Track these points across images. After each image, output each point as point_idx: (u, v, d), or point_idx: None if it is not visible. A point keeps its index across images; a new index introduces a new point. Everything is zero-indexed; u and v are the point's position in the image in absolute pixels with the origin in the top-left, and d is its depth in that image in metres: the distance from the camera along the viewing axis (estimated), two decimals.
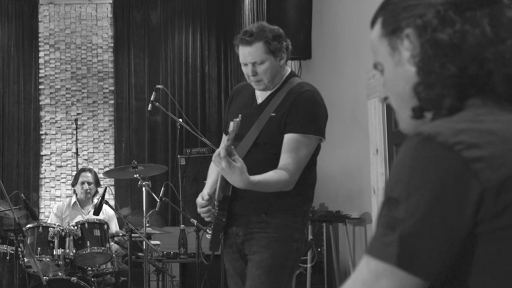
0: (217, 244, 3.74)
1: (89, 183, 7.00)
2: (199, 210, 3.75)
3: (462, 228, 1.27)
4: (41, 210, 10.18)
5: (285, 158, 3.52)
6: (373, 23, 1.60)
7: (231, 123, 3.28)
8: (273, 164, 3.52)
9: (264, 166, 3.51)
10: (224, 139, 3.96)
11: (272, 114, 3.61)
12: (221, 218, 3.66)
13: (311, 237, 6.42)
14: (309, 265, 6.46)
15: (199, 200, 3.75)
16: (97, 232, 6.04)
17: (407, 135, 1.40)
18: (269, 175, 3.47)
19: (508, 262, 1.28)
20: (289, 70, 3.77)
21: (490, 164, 1.26)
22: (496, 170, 1.26)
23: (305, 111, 3.52)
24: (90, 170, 7.19)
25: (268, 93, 3.70)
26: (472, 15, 1.43)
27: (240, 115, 3.36)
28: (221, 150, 3.30)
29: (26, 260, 5.76)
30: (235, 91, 4.00)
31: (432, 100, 1.44)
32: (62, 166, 10.38)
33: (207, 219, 3.77)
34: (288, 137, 3.54)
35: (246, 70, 3.67)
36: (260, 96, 3.75)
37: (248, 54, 3.61)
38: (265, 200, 3.55)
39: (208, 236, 3.80)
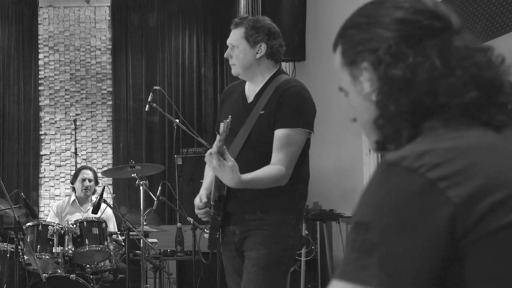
0: (215, 243, 3.74)
1: (89, 180, 7.00)
2: (197, 211, 3.75)
3: (438, 245, 1.27)
4: (41, 209, 10.16)
5: (276, 154, 3.53)
6: (334, 48, 1.62)
7: (221, 124, 3.29)
8: (265, 161, 3.52)
9: (256, 164, 3.50)
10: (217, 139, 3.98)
11: (261, 112, 3.61)
12: (217, 218, 3.66)
13: (307, 232, 6.41)
14: (303, 259, 6.45)
15: (197, 201, 3.75)
16: (95, 231, 6.04)
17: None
18: (261, 172, 3.48)
19: (496, 267, 1.28)
20: (277, 68, 3.77)
21: (455, 180, 1.28)
22: (462, 184, 1.28)
23: (293, 106, 3.52)
24: (90, 168, 7.19)
25: (256, 90, 3.71)
26: (422, 46, 1.44)
27: (230, 116, 3.37)
28: (212, 149, 3.31)
29: (26, 257, 5.76)
30: (226, 92, 4.01)
31: (390, 135, 1.47)
32: (61, 166, 10.37)
33: (204, 219, 3.78)
34: (277, 133, 3.55)
35: (225, 53, 3.76)
36: (250, 94, 3.75)
37: (230, 36, 3.69)
38: (260, 198, 3.55)
39: (206, 236, 3.80)
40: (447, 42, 1.45)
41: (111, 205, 6.24)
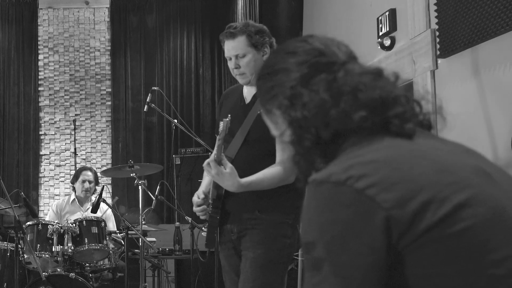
0: (213, 242, 3.73)
1: (89, 182, 7.00)
2: (195, 208, 3.75)
3: (379, 248, 1.33)
4: (41, 208, 10.15)
5: (280, 153, 3.53)
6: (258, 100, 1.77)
7: (221, 123, 3.29)
8: (264, 161, 3.52)
9: (255, 163, 3.50)
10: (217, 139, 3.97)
11: (259, 112, 3.61)
12: (215, 216, 3.66)
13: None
14: (300, 258, 6.45)
15: (195, 199, 3.75)
16: (94, 230, 6.04)
17: None
18: (262, 174, 3.47)
19: (433, 265, 1.33)
20: None
21: (381, 187, 1.35)
22: (389, 190, 1.35)
23: None
24: (90, 169, 7.18)
25: (254, 91, 3.70)
26: (312, 83, 1.55)
27: (229, 115, 3.37)
28: (209, 158, 3.32)
29: (26, 256, 5.76)
30: (224, 95, 4.00)
31: (307, 169, 1.59)
32: (61, 166, 10.36)
33: (202, 217, 3.77)
34: None
35: (231, 65, 3.69)
36: (248, 95, 3.75)
37: (231, 48, 3.64)
38: (258, 197, 3.55)
39: (204, 234, 3.80)
40: (332, 74, 1.55)
41: (110, 205, 6.24)
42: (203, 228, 3.82)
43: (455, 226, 1.33)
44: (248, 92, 3.76)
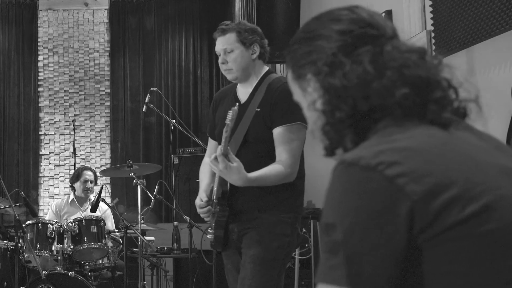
0: (220, 242, 3.72)
1: (91, 182, 7.01)
2: (199, 210, 3.74)
3: (400, 240, 1.30)
4: (40, 207, 10.14)
5: (279, 152, 3.53)
6: (287, 64, 1.68)
7: (230, 112, 3.27)
8: (263, 161, 3.52)
9: (255, 163, 3.50)
10: (211, 143, 3.97)
11: (257, 109, 3.61)
12: (223, 214, 3.65)
13: (304, 230, 6.41)
14: (297, 257, 6.45)
15: (198, 201, 3.75)
16: (94, 229, 6.04)
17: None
18: (268, 169, 3.48)
19: (451, 263, 1.30)
20: (266, 68, 3.78)
21: (412, 177, 1.31)
22: (418, 181, 1.30)
23: (287, 102, 3.50)
24: (90, 169, 7.19)
25: (249, 91, 3.71)
26: (357, 54, 1.50)
27: (237, 104, 3.38)
28: (216, 153, 3.30)
29: (26, 255, 5.76)
30: (218, 96, 4.00)
31: (335, 141, 1.53)
32: (60, 165, 10.35)
33: (206, 219, 3.76)
34: (277, 132, 3.54)
35: (219, 60, 3.71)
36: (242, 96, 3.75)
37: (220, 43, 3.67)
38: (259, 197, 3.56)
39: (209, 236, 3.78)
40: (379, 47, 1.50)
41: (109, 204, 6.24)
42: (209, 230, 3.79)
43: (480, 227, 1.29)
44: (242, 92, 3.76)
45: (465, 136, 1.47)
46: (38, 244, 5.83)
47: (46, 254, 5.82)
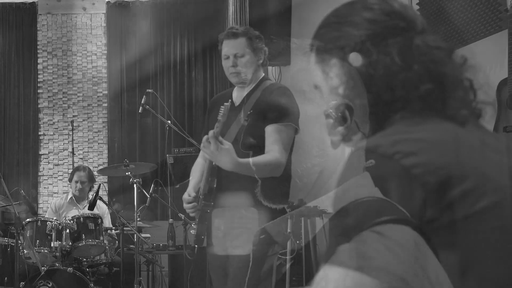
0: (202, 238, 3.71)
1: (82, 183, 7.00)
2: (185, 205, 3.73)
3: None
4: (40, 206, 10.11)
5: (270, 144, 3.53)
6: (311, 47, 1.64)
7: (222, 107, 3.28)
8: None
9: None
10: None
11: (250, 111, 3.61)
12: (205, 210, 3.64)
13: (290, 230, 6.40)
14: (288, 255, 6.44)
15: (185, 196, 3.73)
16: (91, 226, 6.03)
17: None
18: (258, 158, 3.48)
19: (455, 255, 1.29)
20: (263, 74, 3.79)
21: (427, 169, 1.30)
22: (432, 173, 1.29)
23: (281, 104, 3.53)
24: (84, 169, 7.16)
25: (244, 94, 3.70)
26: (385, 44, 1.47)
27: (230, 100, 3.38)
28: (209, 135, 3.30)
29: (25, 251, 5.74)
30: (213, 102, 3.99)
31: (355, 127, 1.51)
32: (59, 165, 10.32)
33: (192, 215, 3.75)
34: (269, 129, 3.55)
35: (227, 64, 3.68)
36: (237, 99, 3.75)
37: (231, 46, 3.65)
38: (246, 194, 3.55)
39: (193, 232, 3.77)
40: (408, 40, 1.48)
41: (106, 202, 6.23)
42: (192, 225, 3.78)
43: (489, 223, 1.29)
44: (238, 96, 3.76)
45: (479, 134, 1.47)
46: (38, 241, 5.81)
47: (45, 251, 5.81)
